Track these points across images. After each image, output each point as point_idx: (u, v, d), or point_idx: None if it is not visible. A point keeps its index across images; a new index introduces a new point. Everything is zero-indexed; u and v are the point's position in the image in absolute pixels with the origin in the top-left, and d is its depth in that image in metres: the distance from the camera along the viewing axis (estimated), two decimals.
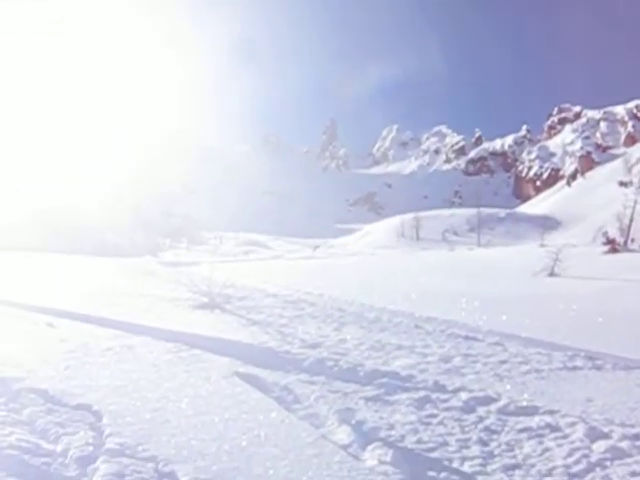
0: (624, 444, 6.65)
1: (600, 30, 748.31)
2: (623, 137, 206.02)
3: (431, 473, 6.04)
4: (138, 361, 9.29)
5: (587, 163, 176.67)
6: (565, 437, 6.92)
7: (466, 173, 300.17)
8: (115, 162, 48.84)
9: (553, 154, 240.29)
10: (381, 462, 6.12)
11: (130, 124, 52.38)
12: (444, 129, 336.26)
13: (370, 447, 6.50)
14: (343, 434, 6.86)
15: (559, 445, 6.72)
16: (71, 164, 47.18)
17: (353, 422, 7.16)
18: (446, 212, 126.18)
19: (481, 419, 7.47)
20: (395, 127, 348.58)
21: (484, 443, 6.81)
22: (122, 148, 50.05)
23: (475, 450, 6.60)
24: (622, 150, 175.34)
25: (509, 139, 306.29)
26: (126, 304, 14.51)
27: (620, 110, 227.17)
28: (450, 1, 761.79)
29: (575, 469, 6.20)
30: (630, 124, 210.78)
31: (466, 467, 6.20)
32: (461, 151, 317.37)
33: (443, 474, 6.02)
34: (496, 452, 6.59)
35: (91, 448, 6.01)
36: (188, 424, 6.74)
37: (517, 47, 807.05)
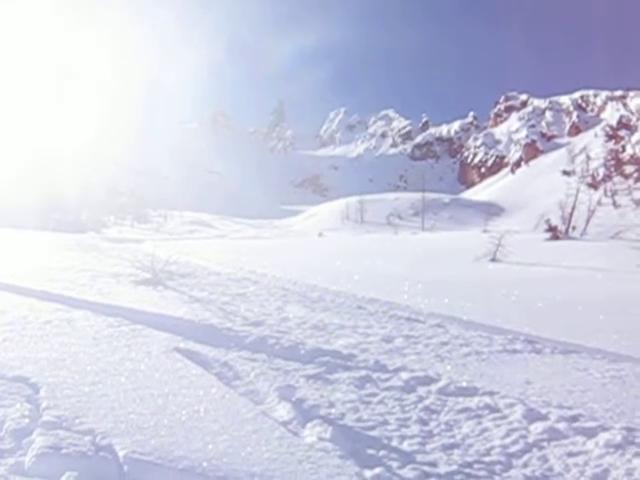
0: (561, 425, 6.74)
1: (549, 20, 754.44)
2: (568, 127, 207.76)
3: (370, 451, 6.07)
4: (78, 335, 9.20)
5: (532, 151, 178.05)
6: (503, 418, 6.99)
7: (412, 158, 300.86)
8: (59, 138, 48.25)
9: (498, 141, 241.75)
10: (320, 439, 6.13)
11: (74, 100, 51.71)
12: (391, 113, 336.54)
13: (310, 424, 6.50)
14: (283, 411, 6.86)
15: (497, 426, 6.79)
16: (14, 139, 46.52)
17: (293, 399, 7.16)
18: (391, 196, 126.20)
19: (421, 399, 7.52)
20: (343, 110, 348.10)
21: (423, 422, 6.85)
22: (66, 125, 49.43)
23: (414, 429, 6.64)
24: (566, 140, 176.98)
25: (456, 125, 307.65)
26: (67, 279, 14.33)
27: (566, 100, 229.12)
28: None
29: (513, 449, 6.28)
30: (575, 114, 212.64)
31: (405, 446, 6.23)
32: (408, 136, 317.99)
33: (382, 452, 6.05)
34: (435, 431, 6.63)
35: (27, 421, 5.94)
36: (127, 398, 6.67)
37: (466, 34, 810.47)
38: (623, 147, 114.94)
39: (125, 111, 66.59)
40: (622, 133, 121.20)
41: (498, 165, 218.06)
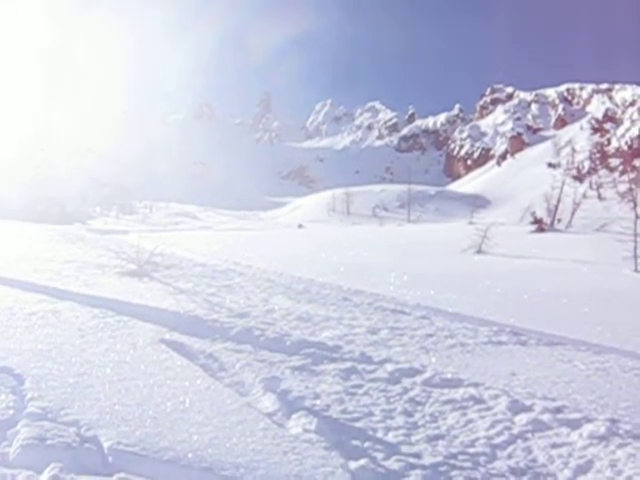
0: (545, 417, 6.77)
1: (535, 13, 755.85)
2: (553, 119, 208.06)
3: (355, 442, 6.09)
4: (63, 326, 9.18)
5: (517, 144, 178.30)
6: (488, 409, 7.02)
7: (398, 150, 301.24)
8: (44, 130, 48.12)
9: (484, 134, 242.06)
10: (305, 430, 6.14)
11: (61, 92, 51.54)
12: (377, 105, 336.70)
13: (295, 416, 6.52)
14: (268, 402, 6.88)
15: (482, 417, 6.82)
16: (2, 133, 46.38)
17: (278, 391, 7.17)
18: (377, 188, 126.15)
19: (406, 390, 7.54)
20: (329, 102, 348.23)
21: (408, 414, 6.87)
22: (53, 116, 49.28)
23: (399, 420, 6.66)
24: (552, 132, 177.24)
25: (442, 117, 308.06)
26: (52, 270, 14.30)
27: (551, 93, 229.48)
28: None
29: (497, 440, 6.31)
30: (560, 107, 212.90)
31: (390, 437, 6.25)
32: (394, 128, 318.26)
33: (367, 443, 6.07)
34: (420, 423, 6.66)
35: (12, 412, 5.95)
36: (112, 389, 6.68)
37: (452, 26, 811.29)
38: (608, 140, 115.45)
39: (109, 103, 66.48)
40: (607, 126, 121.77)
41: (484, 157, 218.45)
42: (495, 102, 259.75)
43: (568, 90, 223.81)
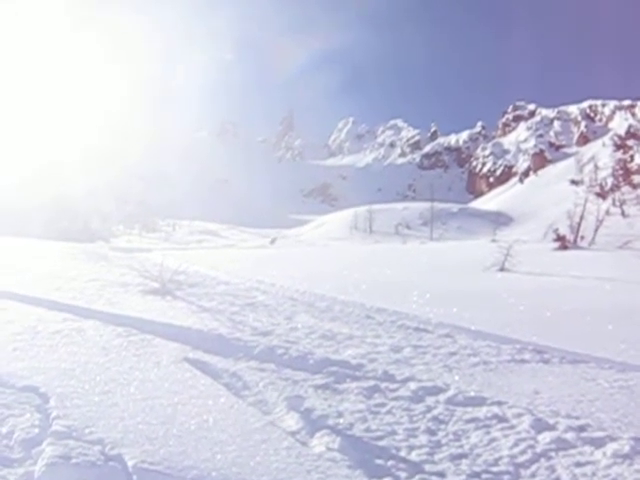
0: (569, 435, 6.73)
1: (557, 30, 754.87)
2: (576, 136, 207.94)
3: (378, 461, 6.07)
4: (87, 344, 9.23)
5: (540, 161, 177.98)
6: (511, 428, 6.98)
7: (420, 167, 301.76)
8: (69, 146, 48.27)
9: (507, 151, 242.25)
10: (329, 449, 6.14)
11: (84, 109, 51.78)
12: (400, 123, 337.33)
13: (318, 434, 6.51)
14: (291, 421, 6.88)
15: (505, 436, 6.79)
16: (23, 146, 46.52)
17: (302, 409, 7.17)
18: (399, 206, 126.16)
19: (429, 409, 7.52)
20: (351, 119, 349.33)
21: (432, 432, 6.85)
22: (77, 132, 49.45)
23: (423, 439, 6.64)
24: (574, 149, 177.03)
25: (464, 135, 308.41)
26: (76, 288, 14.36)
27: (574, 110, 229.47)
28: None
29: (521, 459, 6.27)
30: (583, 124, 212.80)
31: (413, 456, 6.24)
32: (416, 145, 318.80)
33: (390, 462, 6.06)
34: (443, 441, 6.63)
35: (37, 430, 5.97)
36: (136, 408, 6.71)
37: (475, 44, 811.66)
38: (631, 157, 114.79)
39: (134, 119, 66.69)
40: (630, 143, 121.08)
41: (506, 175, 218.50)
42: (517, 119, 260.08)
43: (590, 107, 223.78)
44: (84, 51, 54.04)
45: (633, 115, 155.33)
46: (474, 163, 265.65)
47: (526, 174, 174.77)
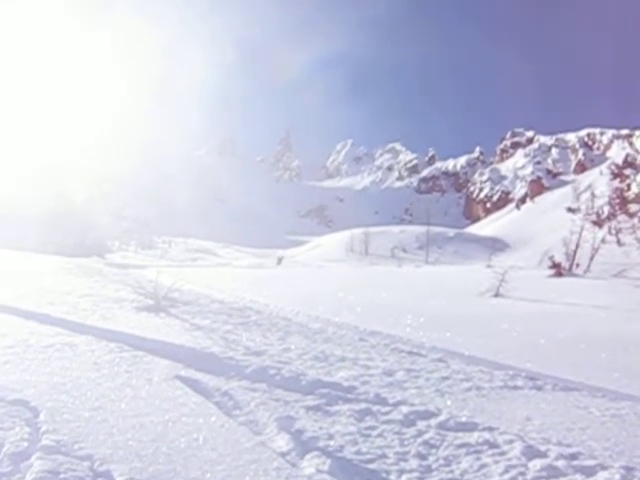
0: (560, 463, 6.70)
1: (557, 58, 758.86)
2: (573, 164, 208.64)
3: None
4: (79, 359, 9.21)
5: (537, 188, 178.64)
6: (502, 454, 6.95)
7: (418, 191, 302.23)
8: (65, 161, 48.26)
9: (504, 177, 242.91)
10: (319, 471, 6.11)
11: (80, 124, 51.74)
12: (398, 146, 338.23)
13: (308, 456, 6.48)
14: (282, 442, 6.84)
15: (496, 462, 6.75)
16: (18, 160, 46.49)
17: (293, 430, 7.14)
18: (396, 229, 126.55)
19: (420, 433, 7.49)
20: (349, 142, 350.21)
21: (422, 457, 6.82)
22: (73, 148, 49.44)
23: (413, 463, 6.61)
24: (572, 177, 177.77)
25: (462, 160, 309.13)
26: (69, 303, 14.37)
27: (572, 137, 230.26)
28: (407, 20, 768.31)
29: None
30: (581, 152, 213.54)
31: None
32: (414, 169, 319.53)
33: None
34: (434, 466, 6.60)
35: (26, 444, 5.95)
36: (126, 424, 6.69)
37: (474, 71, 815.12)
38: (628, 186, 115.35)
39: (131, 136, 66.77)
40: (627, 172, 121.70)
41: (503, 200, 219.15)
42: (515, 146, 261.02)
43: (588, 135, 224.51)
44: (80, 71, 54.07)
45: (631, 144, 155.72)
46: (471, 188, 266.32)
47: (523, 201, 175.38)
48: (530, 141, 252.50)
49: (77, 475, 5.41)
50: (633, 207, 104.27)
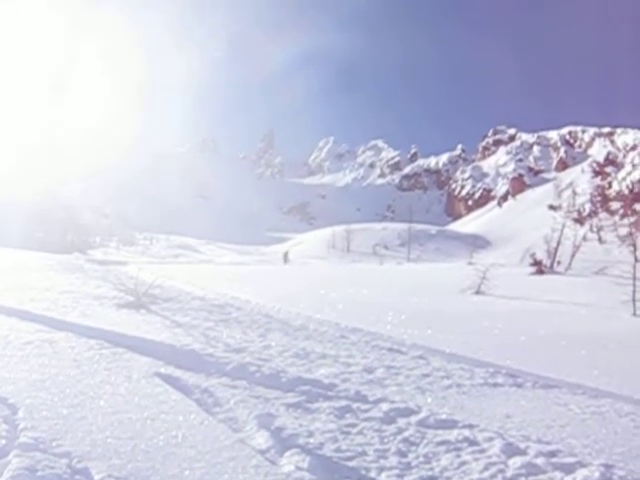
0: (539, 460, 6.70)
1: (539, 56, 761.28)
2: (555, 162, 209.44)
3: None
4: (58, 356, 9.17)
5: (519, 185, 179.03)
6: (482, 452, 6.95)
7: (400, 188, 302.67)
8: (47, 159, 48.19)
9: (486, 174, 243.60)
10: (298, 468, 6.09)
11: (63, 121, 51.69)
12: (380, 143, 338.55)
13: (288, 453, 6.46)
14: (261, 439, 6.82)
15: (476, 459, 6.75)
16: (1, 158, 46.39)
17: (272, 428, 7.12)
18: (378, 226, 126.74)
19: (400, 430, 7.48)
20: (332, 139, 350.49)
21: (402, 454, 6.81)
22: (54, 145, 49.37)
23: (393, 461, 6.60)
24: (553, 175, 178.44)
25: (444, 157, 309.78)
26: (50, 299, 14.32)
27: (554, 135, 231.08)
28: (390, 16, 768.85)
29: None
30: (562, 150, 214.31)
31: (383, 477, 6.19)
32: (396, 166, 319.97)
33: None
34: (414, 464, 6.58)
35: (4, 442, 5.91)
36: (105, 422, 6.66)
37: (457, 68, 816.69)
38: (609, 183, 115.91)
39: (114, 133, 66.92)
40: (609, 170, 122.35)
41: (485, 198, 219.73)
42: (497, 143, 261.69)
43: (570, 133, 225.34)
44: (60, 62, 54.06)
45: (612, 142, 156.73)
46: (453, 186, 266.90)
47: (505, 198, 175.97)
48: (512, 139, 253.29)
49: (55, 472, 5.38)
50: (614, 205, 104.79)
